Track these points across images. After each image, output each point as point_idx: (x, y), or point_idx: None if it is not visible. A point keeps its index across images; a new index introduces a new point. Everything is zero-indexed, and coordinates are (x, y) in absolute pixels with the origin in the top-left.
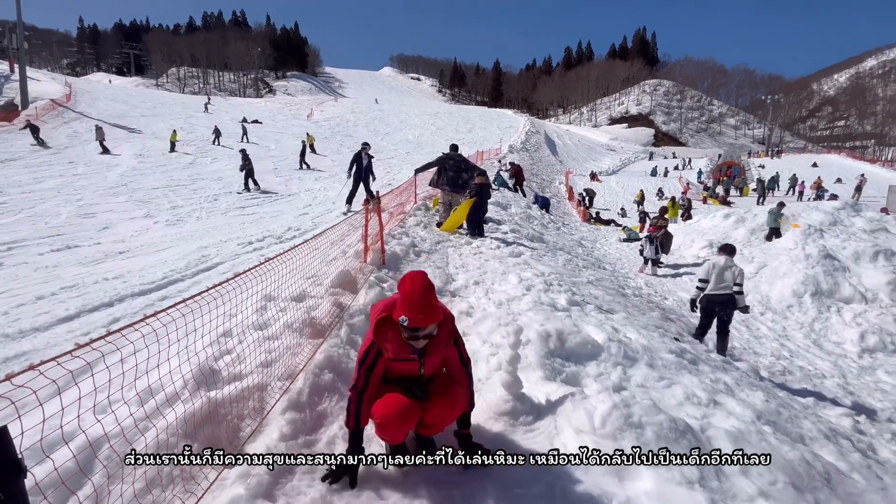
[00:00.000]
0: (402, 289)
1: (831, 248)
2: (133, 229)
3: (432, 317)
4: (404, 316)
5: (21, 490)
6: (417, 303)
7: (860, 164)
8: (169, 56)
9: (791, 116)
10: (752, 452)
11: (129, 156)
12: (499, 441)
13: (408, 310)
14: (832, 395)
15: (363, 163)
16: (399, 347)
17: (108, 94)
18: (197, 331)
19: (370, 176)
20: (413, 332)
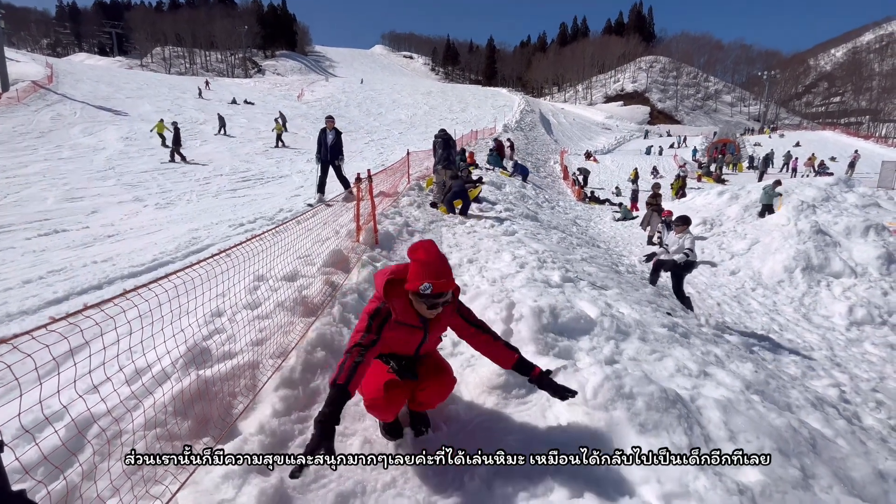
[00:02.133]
0: (416, 257)
1: (823, 223)
2: (122, 213)
3: (452, 280)
4: (426, 283)
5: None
6: (438, 268)
7: (854, 140)
8: (153, 35)
9: (787, 93)
10: (741, 420)
11: (116, 139)
12: (491, 415)
13: (430, 276)
14: (820, 367)
15: (328, 141)
16: (406, 313)
17: (91, 76)
18: (188, 312)
19: (338, 155)
20: (435, 299)
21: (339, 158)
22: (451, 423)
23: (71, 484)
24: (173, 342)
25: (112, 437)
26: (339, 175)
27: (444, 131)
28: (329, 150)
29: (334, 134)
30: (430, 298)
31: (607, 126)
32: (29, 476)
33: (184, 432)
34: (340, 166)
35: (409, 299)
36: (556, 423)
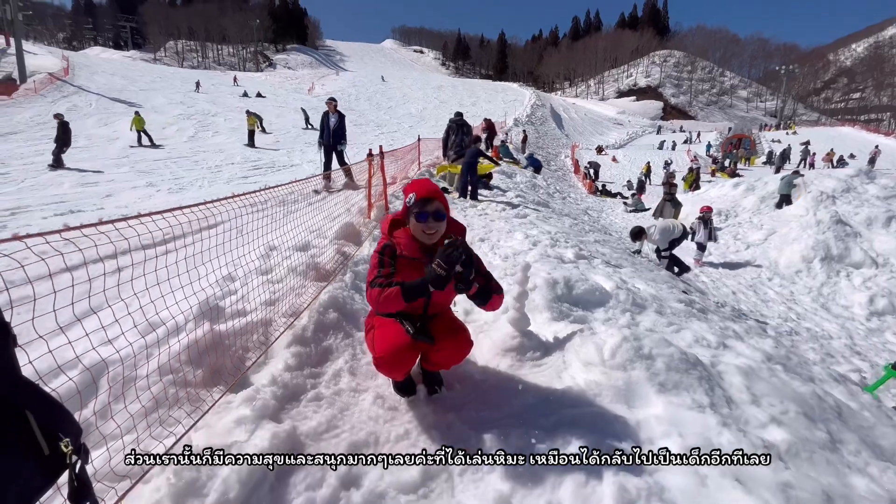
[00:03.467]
0: (408, 186)
1: (843, 214)
2: (136, 196)
3: (439, 192)
4: (412, 194)
5: (8, 352)
6: (424, 184)
7: (875, 136)
8: (166, 29)
9: (805, 88)
10: (764, 385)
11: (130, 129)
12: (506, 376)
13: (416, 187)
14: (839, 354)
15: (330, 125)
16: (410, 247)
17: (106, 69)
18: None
19: (340, 140)
20: (423, 207)
21: (342, 143)
22: (464, 383)
23: (85, 420)
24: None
25: (127, 379)
26: (341, 160)
27: (461, 115)
28: (332, 135)
29: (337, 117)
30: (419, 207)
31: (619, 121)
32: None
33: (196, 380)
34: (343, 151)
35: (411, 234)
36: (573, 382)
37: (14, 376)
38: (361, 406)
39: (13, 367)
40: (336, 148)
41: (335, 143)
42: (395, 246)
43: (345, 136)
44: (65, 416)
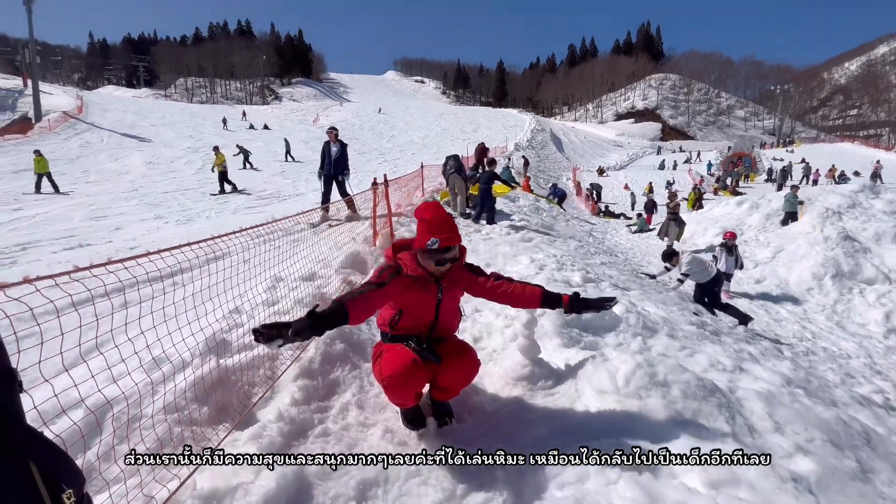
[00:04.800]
0: (423, 216)
1: (851, 229)
2: (144, 229)
3: (458, 235)
4: (433, 238)
5: (14, 400)
6: (444, 223)
7: (875, 152)
8: (177, 67)
9: (802, 106)
10: (786, 412)
11: (140, 164)
12: (518, 406)
13: (436, 231)
14: (860, 374)
15: (332, 154)
16: (416, 268)
17: (118, 106)
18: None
19: (343, 170)
20: (442, 254)
21: (344, 173)
22: (475, 414)
23: (89, 463)
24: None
25: (132, 418)
26: (343, 191)
27: (457, 157)
28: (333, 164)
29: (339, 147)
30: (438, 254)
31: (619, 143)
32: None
33: (202, 418)
34: (345, 182)
35: (417, 259)
36: (587, 411)
37: (19, 425)
38: (370, 441)
39: (18, 415)
40: (338, 178)
41: (337, 173)
42: (400, 266)
43: (347, 167)
44: (68, 466)
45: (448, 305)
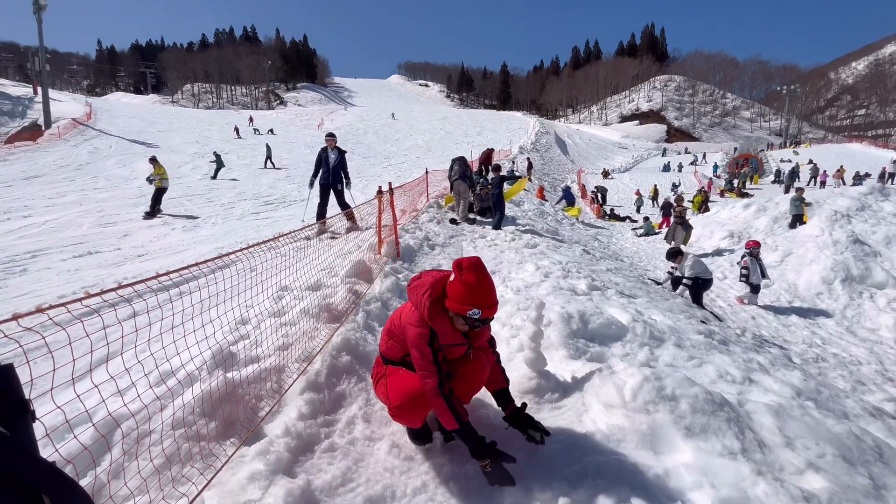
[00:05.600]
0: (465, 278)
1: (860, 233)
2: (152, 236)
3: (497, 304)
4: (477, 309)
5: (28, 431)
6: (489, 294)
7: (884, 152)
8: (183, 73)
9: (809, 107)
10: (797, 426)
11: (148, 170)
12: None
13: (481, 301)
14: (871, 381)
15: (330, 162)
16: (450, 335)
17: (126, 112)
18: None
19: (342, 179)
20: (483, 323)
21: (344, 182)
22: (481, 428)
23: (100, 483)
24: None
25: (140, 437)
26: (342, 201)
27: (463, 159)
28: (332, 173)
29: (337, 154)
30: (479, 322)
31: (623, 145)
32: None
33: (210, 433)
34: (343, 191)
35: (450, 319)
36: (595, 427)
37: (32, 457)
38: (377, 456)
39: (31, 447)
40: (336, 187)
41: (335, 182)
42: (436, 335)
43: (348, 175)
44: (79, 496)
45: (475, 351)
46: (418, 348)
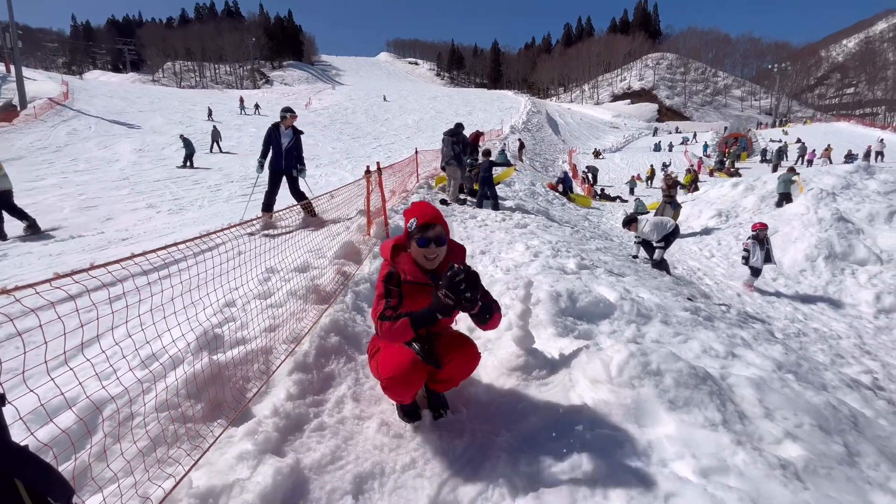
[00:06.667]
0: (408, 209)
1: (845, 210)
2: (136, 219)
3: (440, 217)
4: (414, 219)
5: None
6: (423, 207)
7: (871, 130)
8: (164, 50)
9: (799, 85)
10: (776, 398)
11: (130, 151)
12: (512, 397)
13: (416, 213)
14: (849, 355)
15: (282, 143)
16: (413, 272)
17: (105, 91)
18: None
19: (296, 165)
20: (423, 232)
21: (298, 169)
22: (470, 406)
23: (82, 465)
24: (186, 327)
25: (124, 418)
26: (295, 189)
27: (460, 126)
28: (284, 156)
29: (292, 134)
30: (421, 232)
31: (615, 125)
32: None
33: (197, 414)
34: (298, 178)
35: (413, 259)
36: (581, 401)
37: (3, 442)
38: (366, 434)
39: (2, 431)
40: (290, 174)
41: (289, 168)
42: (399, 272)
43: (302, 161)
44: (55, 480)
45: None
46: (379, 282)
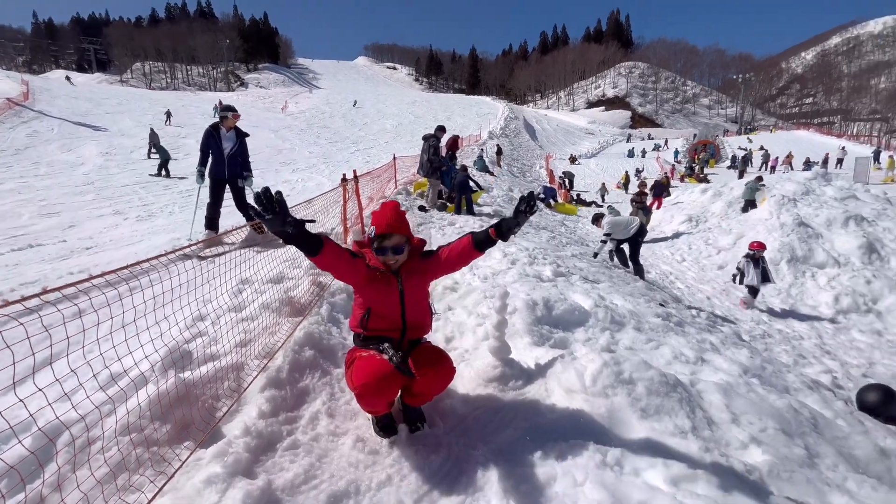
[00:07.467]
0: (374, 212)
1: (805, 216)
2: (101, 226)
3: (398, 227)
4: (373, 226)
5: None
6: (386, 214)
7: (828, 139)
8: (132, 50)
9: (762, 95)
10: (742, 402)
11: (96, 154)
12: (489, 408)
13: (375, 220)
14: (811, 355)
15: (224, 149)
16: (377, 262)
17: (69, 92)
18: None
19: (242, 173)
20: (381, 241)
21: (245, 177)
22: (447, 418)
23: (36, 498)
24: (151, 347)
25: (83, 446)
26: (241, 201)
27: (441, 129)
28: (227, 163)
29: (235, 137)
30: (378, 242)
31: (590, 131)
32: None
33: (163, 437)
34: (244, 188)
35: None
36: (556, 411)
37: None
38: (341, 451)
39: None
40: (235, 183)
41: (234, 176)
42: (363, 255)
43: (249, 168)
44: None
45: (412, 297)
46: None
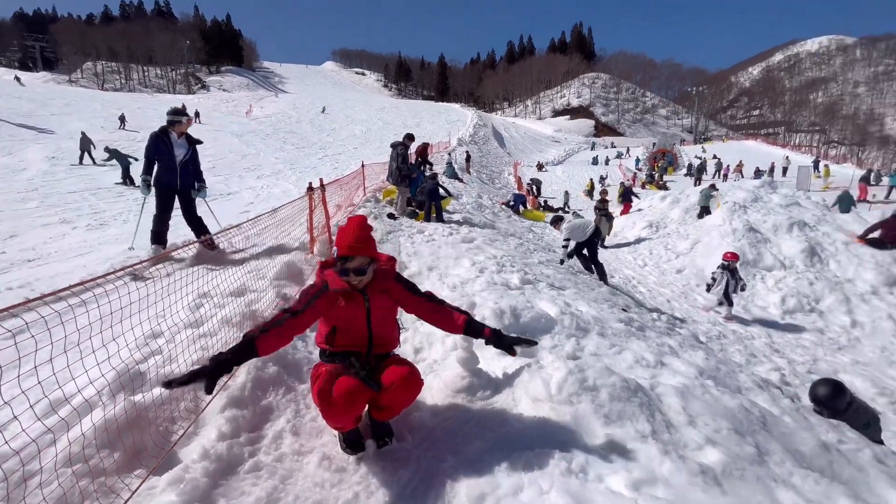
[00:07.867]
0: (339, 229)
1: (754, 222)
2: (47, 236)
3: (362, 249)
4: (336, 248)
5: None
6: (349, 234)
7: (774, 149)
8: (83, 49)
9: (714, 107)
10: (698, 404)
11: (40, 158)
12: (457, 419)
13: (339, 239)
14: (761, 353)
15: (176, 156)
16: (339, 281)
17: (10, 91)
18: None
19: (194, 184)
20: (343, 263)
21: (198, 188)
22: (415, 432)
23: None
24: (98, 371)
25: (18, 482)
26: (191, 214)
27: (410, 137)
28: (179, 173)
29: (187, 145)
30: (341, 263)
31: (557, 139)
32: None
33: (111, 467)
34: (195, 201)
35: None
36: (523, 420)
37: None
38: (306, 471)
39: None
40: (187, 194)
41: (186, 188)
42: (325, 282)
43: (202, 178)
44: None
45: (379, 315)
46: (304, 289)
